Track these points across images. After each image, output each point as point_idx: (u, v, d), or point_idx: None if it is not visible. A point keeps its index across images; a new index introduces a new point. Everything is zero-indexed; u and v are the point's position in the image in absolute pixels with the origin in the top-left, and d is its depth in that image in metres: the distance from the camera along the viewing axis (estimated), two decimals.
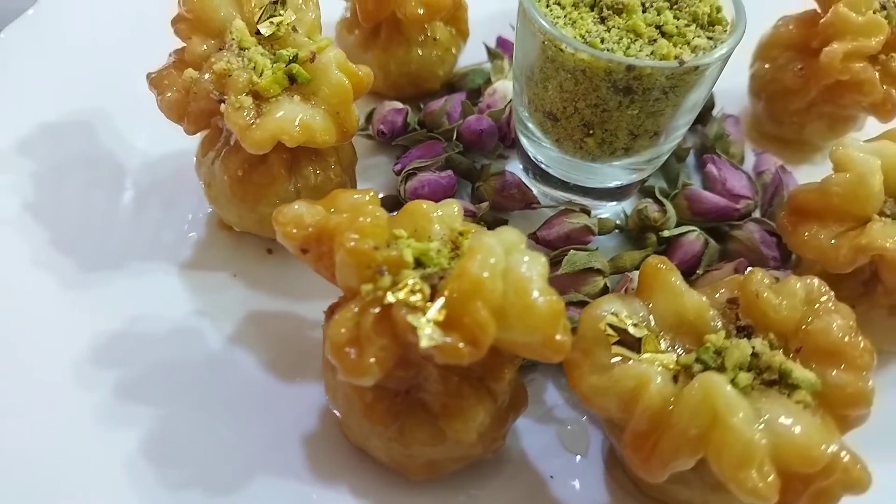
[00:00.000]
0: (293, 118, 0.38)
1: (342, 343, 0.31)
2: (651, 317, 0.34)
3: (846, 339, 0.32)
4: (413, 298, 0.31)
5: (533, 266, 0.32)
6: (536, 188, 0.48)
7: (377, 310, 0.31)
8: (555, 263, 0.44)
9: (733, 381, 0.32)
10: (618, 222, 0.48)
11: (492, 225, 0.47)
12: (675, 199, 0.48)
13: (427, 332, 0.30)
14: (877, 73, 0.49)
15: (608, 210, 0.49)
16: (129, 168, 0.47)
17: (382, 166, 0.50)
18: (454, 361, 0.30)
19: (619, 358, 0.33)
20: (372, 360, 0.31)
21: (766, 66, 0.54)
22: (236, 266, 0.45)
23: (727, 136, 0.52)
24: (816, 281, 0.35)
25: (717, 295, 0.36)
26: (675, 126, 0.42)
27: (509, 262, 0.32)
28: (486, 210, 0.47)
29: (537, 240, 0.45)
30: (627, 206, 0.49)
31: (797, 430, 0.29)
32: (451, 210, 0.36)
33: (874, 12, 0.49)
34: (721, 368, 0.32)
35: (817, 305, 0.34)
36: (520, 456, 0.39)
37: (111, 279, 0.42)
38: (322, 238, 0.33)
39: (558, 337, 0.31)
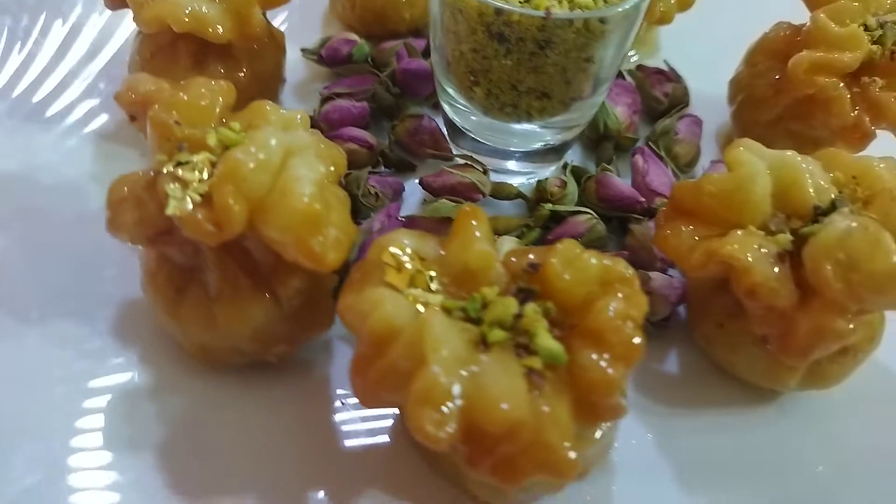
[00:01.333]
0: (185, 5, 0.40)
1: (115, 199, 0.33)
2: (439, 259, 0.33)
3: (614, 324, 0.30)
4: (190, 175, 0.32)
5: (309, 170, 0.32)
6: (454, 146, 0.47)
7: (151, 175, 0.32)
8: None
9: (486, 336, 0.30)
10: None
11: (396, 165, 0.48)
12: (587, 181, 0.46)
13: (175, 202, 0.31)
14: (848, 95, 0.44)
15: (525, 177, 0.47)
16: (89, 29, 0.51)
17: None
18: (198, 238, 0.31)
19: (382, 286, 0.32)
20: (130, 220, 0.32)
21: (746, 71, 0.50)
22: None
23: (674, 135, 0.48)
24: (622, 265, 0.32)
25: (524, 257, 0.34)
26: (571, 91, 0.40)
27: (288, 162, 0.32)
28: (385, 146, 0.46)
29: (423, 184, 0.45)
30: None
31: (496, 386, 0.28)
32: (294, 117, 0.37)
33: (864, 28, 0.44)
34: (479, 321, 0.31)
35: (613, 288, 0.32)
36: (319, 373, 0.39)
37: (25, 126, 0.47)
38: (147, 109, 0.35)
39: (313, 244, 0.31)
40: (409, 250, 0.33)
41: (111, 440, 0.35)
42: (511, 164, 0.46)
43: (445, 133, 0.47)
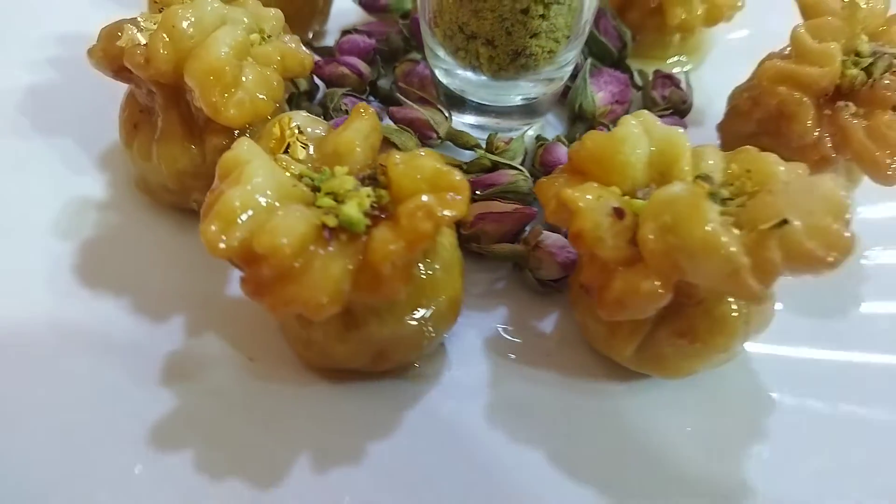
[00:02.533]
0: None
1: (101, 36, 0.41)
2: (319, 139, 0.38)
3: (411, 210, 0.33)
4: (149, 25, 0.40)
5: (230, 37, 0.39)
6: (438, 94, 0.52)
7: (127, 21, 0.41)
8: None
9: (318, 200, 0.35)
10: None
11: (383, 98, 0.53)
12: (539, 147, 0.48)
13: (126, 37, 0.39)
14: (812, 112, 0.42)
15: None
16: None
17: None
18: (132, 66, 0.39)
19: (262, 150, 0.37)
20: (101, 52, 0.41)
21: (744, 84, 0.49)
22: None
23: None
24: (456, 174, 0.35)
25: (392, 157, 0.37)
26: (513, 43, 0.43)
27: (222, 28, 0.39)
28: (372, 77, 0.52)
29: (388, 113, 0.50)
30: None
31: (280, 220, 0.32)
32: (268, 13, 0.44)
33: (856, 54, 0.42)
34: (317, 189, 0.35)
35: (442, 191, 0.34)
36: None
37: None
38: None
39: (213, 94, 0.38)
40: (294, 124, 0.38)
41: (47, 225, 0.44)
42: (470, 118, 0.50)
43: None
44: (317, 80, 0.53)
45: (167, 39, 0.38)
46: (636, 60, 0.57)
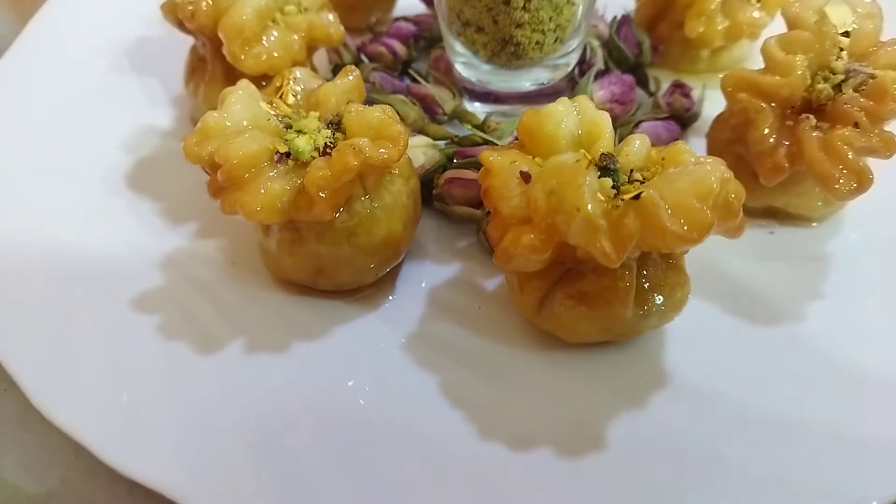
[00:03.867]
0: None
1: None
2: (310, 90, 0.46)
3: (342, 146, 0.39)
4: None
5: (255, 2, 0.48)
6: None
7: None
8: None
9: (286, 134, 0.42)
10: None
11: (412, 77, 0.60)
12: None
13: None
14: (769, 121, 0.43)
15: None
16: None
17: None
18: (183, 17, 0.49)
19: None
20: (168, 8, 0.51)
21: None
22: None
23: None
24: (399, 126, 0.41)
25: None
26: (500, 31, 0.48)
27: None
28: (405, 58, 0.59)
29: (406, 88, 0.57)
30: None
31: (241, 139, 0.40)
32: None
33: (830, 71, 0.43)
34: (290, 127, 0.43)
35: (383, 140, 0.41)
36: None
37: None
38: None
39: (233, 45, 0.47)
40: (293, 76, 0.46)
41: (116, 140, 0.55)
42: (487, 106, 0.55)
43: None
44: (362, 56, 0.61)
45: (210, 2, 0.48)
46: (665, 71, 0.60)
